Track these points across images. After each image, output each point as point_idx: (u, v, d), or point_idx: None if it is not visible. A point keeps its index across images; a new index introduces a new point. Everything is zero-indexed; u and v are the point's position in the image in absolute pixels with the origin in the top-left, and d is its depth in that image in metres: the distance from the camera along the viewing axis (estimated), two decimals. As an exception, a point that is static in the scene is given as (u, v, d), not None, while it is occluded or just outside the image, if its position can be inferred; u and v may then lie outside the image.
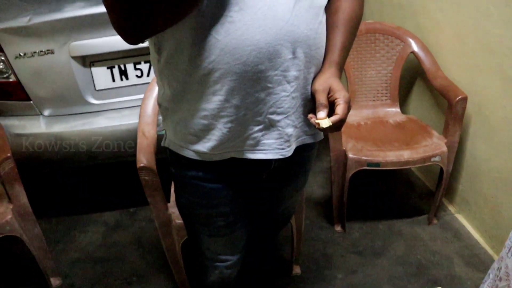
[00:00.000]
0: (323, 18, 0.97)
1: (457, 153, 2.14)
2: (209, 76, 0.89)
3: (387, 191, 2.54)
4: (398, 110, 2.40)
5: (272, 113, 0.96)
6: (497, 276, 1.16)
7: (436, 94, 2.32)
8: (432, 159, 2.03)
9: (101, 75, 2.00)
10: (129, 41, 0.82)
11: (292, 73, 0.92)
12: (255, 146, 1.01)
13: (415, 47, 2.29)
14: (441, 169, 2.10)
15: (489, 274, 1.24)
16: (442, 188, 2.15)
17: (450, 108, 2.03)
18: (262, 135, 0.99)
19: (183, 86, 0.94)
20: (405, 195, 2.50)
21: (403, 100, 2.63)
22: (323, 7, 0.97)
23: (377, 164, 2.02)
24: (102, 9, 1.80)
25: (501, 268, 1.15)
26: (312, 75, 0.98)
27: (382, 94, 2.41)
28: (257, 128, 0.98)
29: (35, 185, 2.21)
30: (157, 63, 0.97)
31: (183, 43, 0.87)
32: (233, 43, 0.84)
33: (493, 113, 1.95)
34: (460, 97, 1.99)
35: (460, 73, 2.13)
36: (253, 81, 0.90)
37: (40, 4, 2.02)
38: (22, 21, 1.88)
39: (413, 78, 2.52)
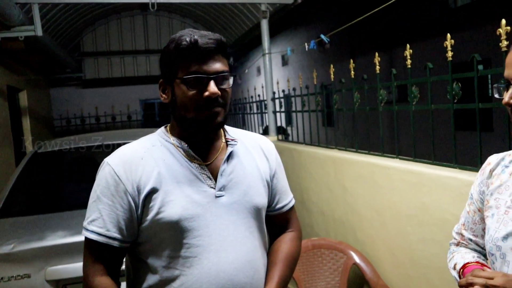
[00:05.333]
0: (259, 264, 1.25)
1: None
2: None
3: None
4: (351, 318, 2.57)
5: None
6: None
7: (382, 302, 2.54)
8: None
9: (72, 299, 2.15)
10: None
11: None
12: None
13: (356, 258, 2.60)
14: None
15: None
16: None
17: (393, 316, 2.23)
18: None
19: None
20: None
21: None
22: (260, 257, 1.26)
23: None
24: (79, 238, 2.07)
25: None
26: None
27: (334, 303, 2.60)
28: None
29: None
30: None
31: None
32: None
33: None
34: (399, 305, 2.22)
35: (397, 281, 2.40)
36: None
37: (25, 231, 2.29)
38: (6, 248, 2.10)
39: (359, 287, 2.76)
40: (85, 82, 9.70)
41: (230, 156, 1.24)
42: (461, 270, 1.18)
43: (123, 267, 1.26)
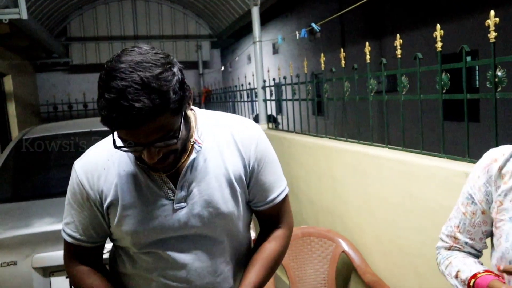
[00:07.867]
0: (225, 269, 1.24)
1: None
2: None
3: None
4: (338, 305, 2.60)
5: None
6: None
7: (369, 289, 2.57)
8: None
9: (59, 285, 2.14)
10: None
11: None
12: None
13: (345, 246, 2.62)
14: None
15: None
16: None
17: (380, 303, 2.26)
18: None
19: None
20: None
21: (342, 295, 2.85)
22: (228, 261, 1.25)
23: None
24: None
25: None
26: None
27: (322, 291, 2.63)
28: None
29: None
30: None
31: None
32: None
33: (416, 306, 2.19)
34: (386, 292, 2.25)
35: (385, 269, 2.43)
36: None
37: (11, 218, 2.26)
38: (-9, 235, 2.08)
39: (348, 274, 2.80)
40: (72, 67, 9.55)
41: (193, 163, 1.15)
42: (472, 280, 1.07)
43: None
